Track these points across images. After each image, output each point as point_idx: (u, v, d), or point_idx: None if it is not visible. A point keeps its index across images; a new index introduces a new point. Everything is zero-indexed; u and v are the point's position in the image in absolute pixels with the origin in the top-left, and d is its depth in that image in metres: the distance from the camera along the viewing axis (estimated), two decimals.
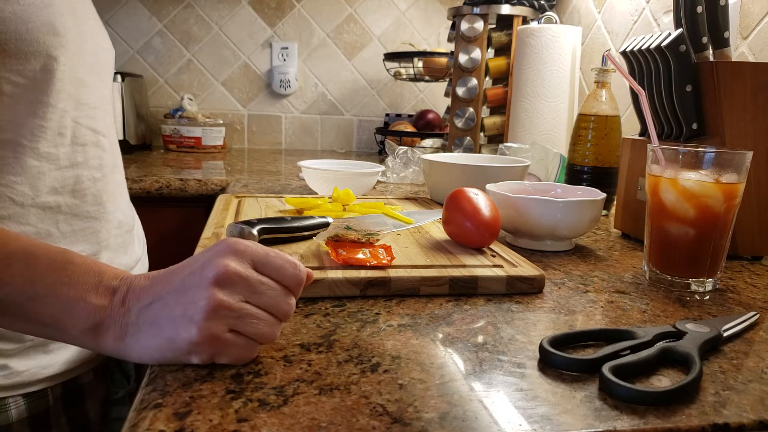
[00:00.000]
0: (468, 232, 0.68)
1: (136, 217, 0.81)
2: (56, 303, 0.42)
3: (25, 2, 0.55)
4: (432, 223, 0.83)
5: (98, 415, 0.69)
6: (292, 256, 0.49)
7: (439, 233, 0.76)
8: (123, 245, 0.72)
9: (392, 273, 0.58)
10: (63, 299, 0.42)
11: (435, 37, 2.05)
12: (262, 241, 0.65)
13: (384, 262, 0.60)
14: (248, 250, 0.42)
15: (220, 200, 0.94)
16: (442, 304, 0.55)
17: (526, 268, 0.61)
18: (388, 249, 0.63)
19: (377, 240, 0.65)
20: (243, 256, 0.41)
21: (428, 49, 1.95)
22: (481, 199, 0.69)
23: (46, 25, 0.57)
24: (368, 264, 0.59)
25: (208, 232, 0.72)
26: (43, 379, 0.61)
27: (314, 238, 0.68)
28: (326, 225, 0.72)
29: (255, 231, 0.65)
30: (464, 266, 0.61)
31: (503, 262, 0.63)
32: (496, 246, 0.70)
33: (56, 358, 0.62)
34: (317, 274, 0.56)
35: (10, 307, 0.43)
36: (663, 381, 0.42)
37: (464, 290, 0.58)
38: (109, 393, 0.71)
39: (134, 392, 0.72)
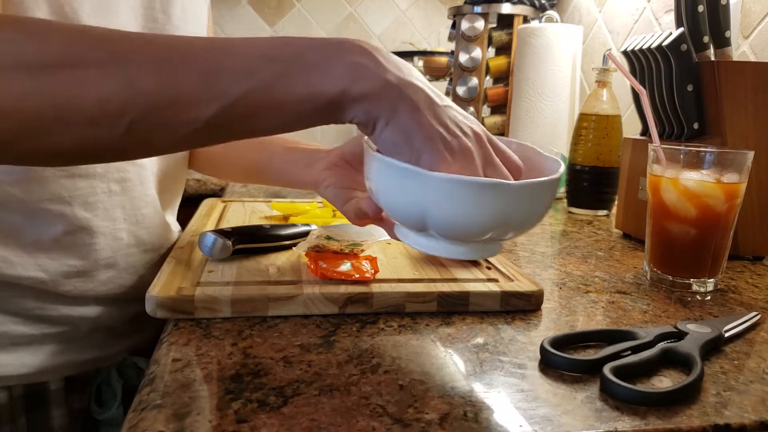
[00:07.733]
0: None
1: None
2: (303, 73, 0.40)
3: None
4: None
5: (65, 425, 0.64)
6: (270, 267, 0.45)
7: None
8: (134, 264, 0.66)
9: (375, 288, 0.52)
10: (309, 66, 0.40)
11: (435, 37, 2.04)
12: (237, 252, 0.60)
13: (367, 275, 0.54)
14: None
15: (205, 205, 0.87)
16: None
17: (523, 283, 0.56)
18: (373, 261, 0.58)
19: (362, 251, 0.60)
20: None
21: (428, 49, 1.95)
22: None
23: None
24: (349, 278, 0.54)
25: (183, 240, 0.67)
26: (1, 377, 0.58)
27: (294, 248, 0.63)
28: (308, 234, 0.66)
29: (230, 241, 0.59)
30: (455, 280, 0.56)
31: (499, 276, 0.58)
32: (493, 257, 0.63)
33: (16, 360, 0.59)
34: (292, 290, 0.51)
35: (258, 107, 0.40)
36: (664, 382, 0.42)
37: (454, 307, 0.53)
38: (89, 409, 0.67)
39: (117, 416, 0.67)
